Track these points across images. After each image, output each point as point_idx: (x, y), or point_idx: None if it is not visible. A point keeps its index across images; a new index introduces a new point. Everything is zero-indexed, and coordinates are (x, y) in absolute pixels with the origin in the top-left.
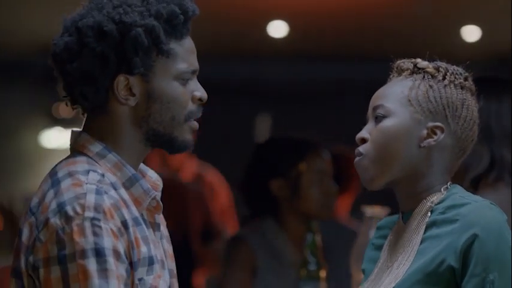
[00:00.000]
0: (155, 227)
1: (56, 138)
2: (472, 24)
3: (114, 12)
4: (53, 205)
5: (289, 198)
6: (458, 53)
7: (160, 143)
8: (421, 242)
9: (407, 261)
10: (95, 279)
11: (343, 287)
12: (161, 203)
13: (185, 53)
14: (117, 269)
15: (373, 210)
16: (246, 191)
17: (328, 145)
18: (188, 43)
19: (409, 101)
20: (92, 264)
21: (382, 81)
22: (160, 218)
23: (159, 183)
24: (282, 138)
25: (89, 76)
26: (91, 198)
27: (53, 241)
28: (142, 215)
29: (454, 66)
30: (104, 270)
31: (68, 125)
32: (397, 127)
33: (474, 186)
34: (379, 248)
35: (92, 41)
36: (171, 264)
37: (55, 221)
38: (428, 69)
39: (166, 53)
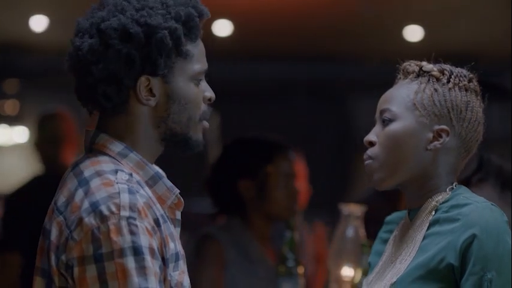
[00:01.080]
0: (176, 223)
1: (1, 135)
2: (415, 24)
3: (138, 15)
4: (86, 204)
5: (255, 198)
6: (401, 53)
7: (175, 142)
8: (424, 239)
9: (409, 256)
10: (135, 277)
11: None
12: (182, 200)
13: (199, 54)
14: (153, 266)
15: (349, 208)
16: (214, 190)
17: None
18: (201, 44)
19: (415, 104)
20: (130, 263)
21: (328, 80)
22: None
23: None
24: (251, 139)
25: (114, 77)
26: (125, 198)
27: (88, 240)
28: (164, 212)
29: (459, 68)
30: (142, 268)
31: (12, 122)
32: (403, 131)
33: None
34: (385, 241)
35: (117, 43)
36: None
37: (89, 220)
38: (433, 73)
39: (184, 54)
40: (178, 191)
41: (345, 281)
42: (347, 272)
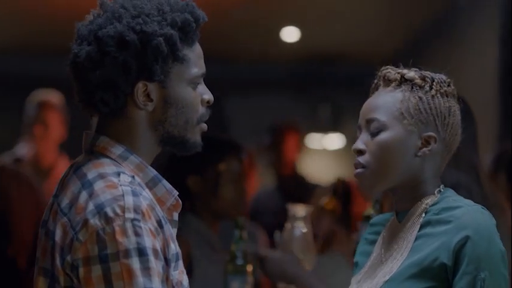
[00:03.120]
0: (173, 224)
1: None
2: (291, 26)
3: (134, 22)
4: (90, 206)
5: (203, 195)
6: (279, 53)
7: (172, 144)
8: (416, 240)
9: (401, 256)
10: (140, 278)
11: None
12: (180, 201)
13: (196, 58)
14: (156, 267)
15: (296, 208)
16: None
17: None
18: (198, 48)
19: (402, 114)
20: (135, 263)
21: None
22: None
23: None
24: (204, 137)
25: (111, 83)
26: (129, 200)
27: (93, 241)
28: (164, 214)
29: (438, 74)
30: (146, 269)
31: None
32: (393, 140)
33: None
34: (372, 242)
35: (114, 50)
36: None
37: (95, 221)
38: (416, 81)
39: (181, 60)
40: (177, 192)
41: None
42: None
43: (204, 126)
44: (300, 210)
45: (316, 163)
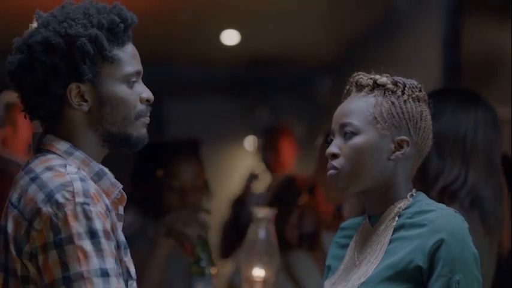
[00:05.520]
0: (119, 218)
1: None
2: (231, 29)
3: (59, 27)
4: (41, 196)
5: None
6: (219, 56)
7: (116, 142)
8: (389, 243)
9: (375, 259)
10: (94, 259)
11: None
12: (125, 195)
13: (128, 58)
14: (109, 247)
15: (262, 211)
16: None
17: None
18: (130, 48)
19: (375, 118)
20: (88, 245)
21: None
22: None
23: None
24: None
25: (43, 87)
26: (78, 185)
27: (47, 228)
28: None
29: (409, 79)
30: (100, 250)
31: None
32: (367, 144)
33: (439, 196)
34: (343, 246)
35: (42, 55)
36: None
37: (47, 209)
38: (388, 86)
39: (110, 59)
40: (122, 186)
41: (256, 281)
42: (258, 272)
43: (146, 119)
44: (263, 212)
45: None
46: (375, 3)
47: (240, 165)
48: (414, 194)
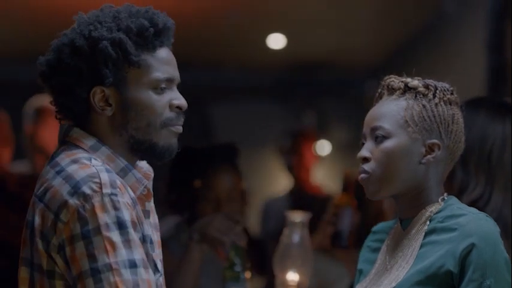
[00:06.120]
0: (145, 214)
1: None
2: (278, 33)
3: (85, 29)
4: (67, 188)
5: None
6: (265, 60)
7: (142, 150)
8: (421, 247)
9: (407, 263)
10: (122, 250)
11: None
12: (152, 191)
13: (158, 64)
14: (136, 238)
15: (294, 215)
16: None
17: None
18: (163, 54)
19: (406, 121)
20: (116, 236)
21: (190, 86)
22: (151, 207)
23: (150, 173)
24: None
25: (68, 89)
26: (105, 176)
27: (74, 220)
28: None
29: (441, 82)
30: (127, 241)
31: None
32: (398, 147)
33: None
34: (375, 250)
35: (66, 57)
36: (160, 252)
37: (73, 201)
38: (419, 89)
39: (137, 64)
40: (147, 181)
41: (290, 285)
42: (292, 276)
43: (177, 128)
44: (297, 216)
45: None
46: (421, 7)
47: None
48: (446, 198)
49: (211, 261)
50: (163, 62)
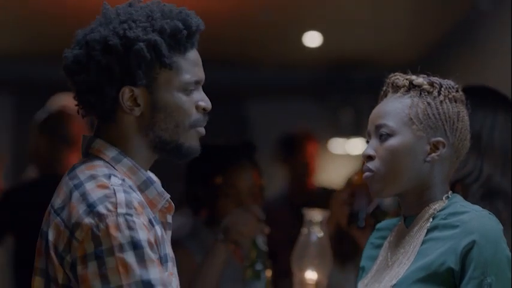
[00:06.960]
0: (167, 226)
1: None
2: (314, 30)
3: (119, 28)
4: (83, 206)
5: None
6: (301, 58)
7: (167, 150)
8: (422, 244)
9: (408, 260)
10: (136, 271)
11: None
12: (173, 204)
13: (189, 66)
14: (153, 257)
15: (313, 213)
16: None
17: None
18: (193, 56)
19: (411, 119)
20: (130, 257)
21: (227, 86)
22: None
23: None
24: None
25: (96, 87)
26: (121, 196)
27: (88, 239)
28: (155, 216)
29: (446, 80)
30: (143, 261)
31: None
32: (403, 145)
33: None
34: (378, 247)
35: (98, 54)
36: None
37: (88, 220)
38: (424, 86)
39: (169, 66)
40: (169, 195)
41: (309, 284)
42: (310, 275)
43: (201, 130)
44: (316, 215)
45: (338, 168)
46: (456, 6)
47: (324, 168)
48: (450, 196)
49: (232, 259)
50: (193, 64)
